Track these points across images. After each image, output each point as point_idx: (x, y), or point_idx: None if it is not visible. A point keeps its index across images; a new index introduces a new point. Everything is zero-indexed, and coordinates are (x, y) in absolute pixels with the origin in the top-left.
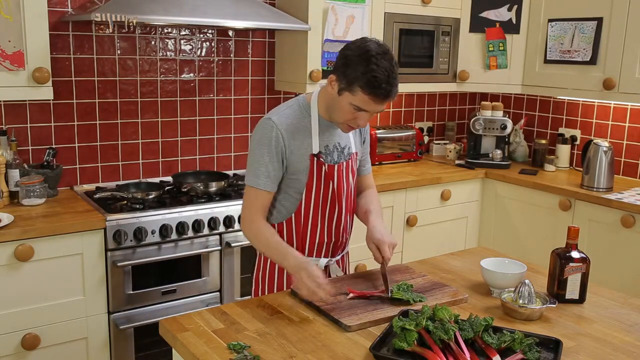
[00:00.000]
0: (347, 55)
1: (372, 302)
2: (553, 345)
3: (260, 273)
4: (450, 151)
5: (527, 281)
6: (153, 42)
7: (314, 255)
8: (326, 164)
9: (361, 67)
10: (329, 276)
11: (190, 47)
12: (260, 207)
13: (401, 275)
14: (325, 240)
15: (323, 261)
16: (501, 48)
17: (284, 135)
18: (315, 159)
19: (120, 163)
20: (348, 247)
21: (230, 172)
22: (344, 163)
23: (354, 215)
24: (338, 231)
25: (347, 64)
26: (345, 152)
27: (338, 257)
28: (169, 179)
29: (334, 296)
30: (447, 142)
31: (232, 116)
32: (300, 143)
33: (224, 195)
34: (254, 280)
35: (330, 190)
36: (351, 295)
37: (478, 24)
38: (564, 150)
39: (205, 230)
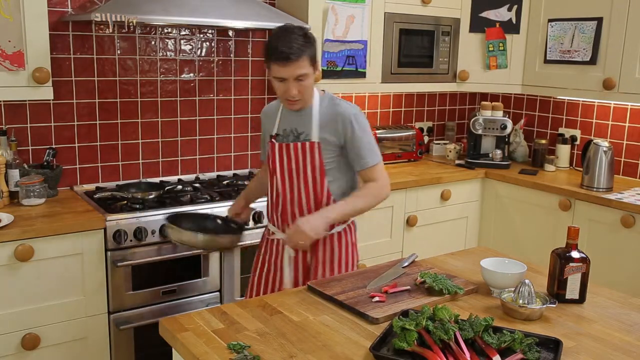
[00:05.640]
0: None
1: (391, 295)
2: (553, 345)
3: (257, 272)
4: (450, 151)
5: (527, 281)
6: (153, 42)
7: (274, 225)
8: (273, 142)
9: (268, 45)
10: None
11: (190, 47)
12: (262, 169)
13: (410, 268)
14: (279, 214)
15: (273, 229)
16: (501, 48)
17: (263, 119)
18: (271, 138)
19: (120, 163)
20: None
21: (230, 172)
22: (291, 145)
23: (321, 205)
24: (284, 206)
25: (264, 49)
26: (301, 137)
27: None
28: (169, 179)
29: (353, 290)
30: (447, 142)
31: (232, 116)
32: (270, 126)
33: (224, 195)
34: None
35: (273, 165)
36: (377, 298)
37: (478, 24)
38: (564, 150)
39: None
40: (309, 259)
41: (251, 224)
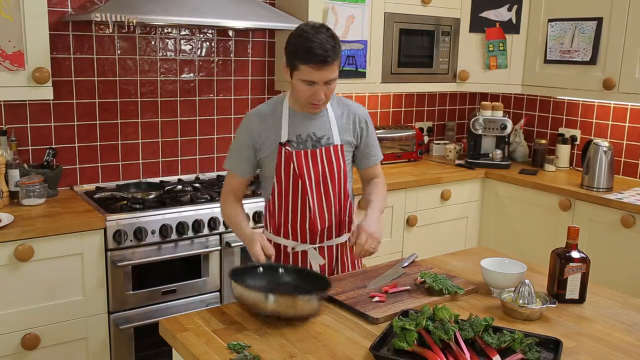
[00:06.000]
0: (289, 42)
1: (391, 295)
2: (553, 345)
3: None
4: (450, 151)
5: (527, 281)
6: (153, 42)
7: (290, 238)
8: (291, 150)
9: (298, 45)
10: (309, 265)
11: (190, 47)
12: (230, 187)
13: (410, 268)
14: (299, 223)
15: (292, 243)
16: (501, 48)
17: (255, 126)
18: (283, 147)
19: (120, 163)
20: (341, 239)
21: None
22: (317, 151)
23: (344, 208)
24: (313, 216)
25: (289, 48)
26: (323, 142)
27: (319, 245)
28: (169, 179)
29: (353, 290)
30: (447, 142)
31: (232, 116)
32: (271, 132)
33: None
34: None
35: (295, 175)
36: (377, 298)
37: (478, 24)
38: (564, 150)
39: (205, 230)
40: (334, 265)
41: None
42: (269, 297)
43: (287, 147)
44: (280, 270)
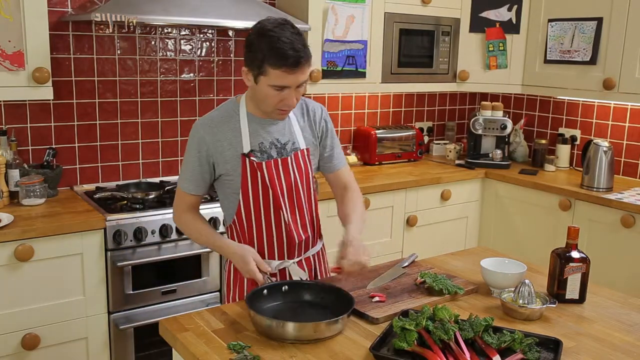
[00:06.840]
0: (249, 41)
1: (391, 295)
2: (553, 345)
3: (232, 278)
4: (450, 151)
5: (527, 281)
6: (153, 42)
7: (266, 257)
8: (255, 162)
9: (263, 45)
10: (291, 278)
11: (190, 47)
12: (185, 206)
13: (410, 268)
14: (275, 241)
15: (274, 263)
16: (501, 48)
17: (207, 138)
18: (247, 158)
19: (120, 163)
20: (317, 247)
21: None
22: (280, 160)
23: (314, 214)
24: (289, 230)
25: (251, 49)
26: (288, 148)
27: (298, 259)
28: (169, 179)
29: (353, 291)
30: (447, 142)
31: None
32: (229, 144)
33: None
34: (225, 286)
35: (266, 188)
36: (377, 298)
37: (478, 24)
38: (564, 150)
39: None
40: (313, 276)
41: None
42: (289, 325)
43: (252, 158)
44: (284, 287)
